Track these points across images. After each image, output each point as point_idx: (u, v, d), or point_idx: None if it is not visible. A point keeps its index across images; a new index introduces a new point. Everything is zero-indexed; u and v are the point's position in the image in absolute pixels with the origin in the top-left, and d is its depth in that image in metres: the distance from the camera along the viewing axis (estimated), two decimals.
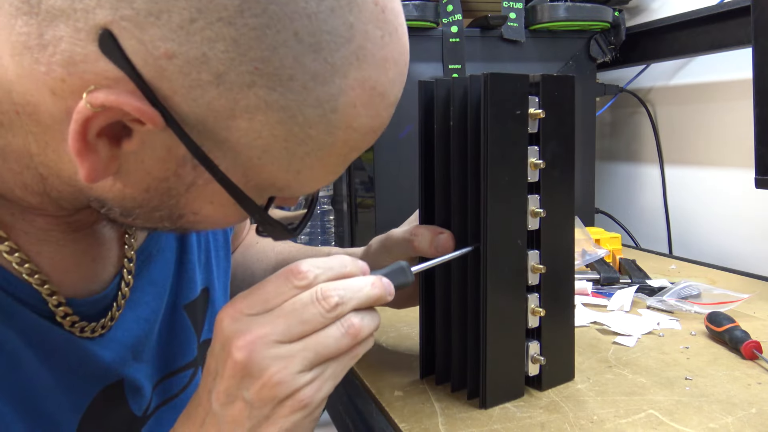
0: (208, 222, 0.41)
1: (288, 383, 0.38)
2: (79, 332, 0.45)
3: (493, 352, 0.51)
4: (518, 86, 0.51)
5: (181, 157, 0.36)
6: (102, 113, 0.32)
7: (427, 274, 0.57)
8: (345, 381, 0.60)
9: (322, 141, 0.36)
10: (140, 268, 0.51)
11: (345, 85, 0.35)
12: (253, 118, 0.34)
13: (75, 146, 0.33)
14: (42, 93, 0.34)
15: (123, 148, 0.35)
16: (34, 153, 0.38)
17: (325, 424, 2.09)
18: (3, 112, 0.37)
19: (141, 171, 0.36)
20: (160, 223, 0.41)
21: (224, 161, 0.36)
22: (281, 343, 0.38)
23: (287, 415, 0.39)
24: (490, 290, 0.51)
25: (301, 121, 0.35)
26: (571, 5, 1.16)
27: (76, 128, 0.33)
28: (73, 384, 0.45)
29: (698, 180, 1.23)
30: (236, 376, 0.38)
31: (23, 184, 0.40)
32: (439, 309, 0.56)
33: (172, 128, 0.33)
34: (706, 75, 1.19)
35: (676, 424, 0.48)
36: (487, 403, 0.51)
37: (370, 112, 0.37)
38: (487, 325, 0.51)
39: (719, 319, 0.67)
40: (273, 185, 0.39)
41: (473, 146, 0.52)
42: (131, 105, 0.32)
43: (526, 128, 0.52)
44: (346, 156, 0.39)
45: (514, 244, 0.52)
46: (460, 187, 0.53)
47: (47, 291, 0.43)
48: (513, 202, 0.52)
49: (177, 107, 0.33)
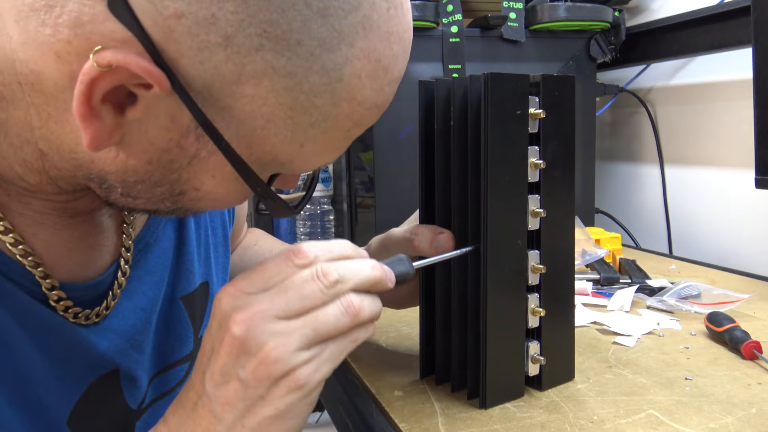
0: (210, 199, 0.41)
1: (285, 360, 0.37)
2: (72, 318, 0.45)
3: (493, 352, 0.51)
4: (518, 86, 0.51)
5: (185, 127, 0.36)
6: (108, 75, 0.32)
7: (428, 275, 0.57)
8: (345, 381, 0.60)
9: (327, 112, 0.36)
10: (137, 258, 0.51)
11: (351, 55, 0.35)
12: (259, 83, 0.34)
13: (79, 110, 0.33)
14: (46, 58, 0.34)
15: (127, 116, 0.35)
16: (35, 126, 0.38)
17: (325, 424, 2.09)
18: (5, 84, 0.37)
19: (144, 141, 0.36)
20: (161, 204, 0.41)
21: (228, 131, 0.36)
22: (280, 318, 0.38)
23: (282, 395, 0.38)
24: (490, 290, 0.51)
25: (306, 89, 0.35)
26: (571, 5, 1.16)
27: (81, 90, 0.33)
28: (67, 370, 0.44)
29: (698, 180, 1.23)
30: (233, 353, 0.38)
31: (23, 160, 0.40)
32: (439, 309, 0.56)
33: (178, 92, 0.33)
34: (706, 75, 1.19)
35: (676, 424, 0.48)
36: (487, 403, 0.51)
37: (374, 86, 0.37)
38: (487, 325, 0.51)
39: (719, 319, 0.67)
40: (276, 159, 0.38)
41: (473, 146, 0.52)
42: (138, 65, 0.32)
43: (526, 128, 0.52)
44: (349, 131, 0.39)
45: (515, 244, 0.52)
46: (461, 187, 0.53)
47: (41, 273, 0.42)
48: (513, 202, 0.52)
49: (183, 70, 0.33)
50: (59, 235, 0.45)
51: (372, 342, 0.68)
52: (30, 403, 0.42)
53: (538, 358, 0.54)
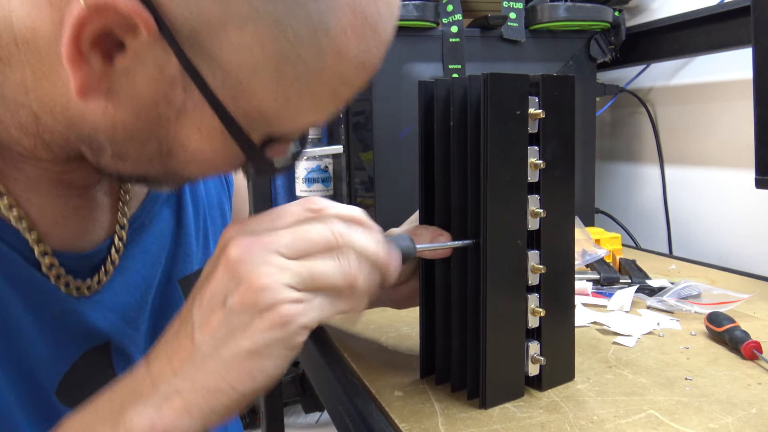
0: (198, 161, 0.41)
1: (273, 291, 0.37)
2: (64, 287, 0.45)
3: (493, 352, 0.51)
4: (518, 86, 0.51)
5: (171, 77, 0.36)
6: (96, 15, 0.33)
7: (428, 276, 0.57)
8: (345, 381, 0.60)
9: (312, 65, 0.36)
10: (132, 237, 0.51)
11: (335, 5, 0.35)
12: (244, 29, 0.34)
13: (68, 53, 0.34)
14: (41, 8, 0.35)
15: (115, 65, 0.35)
16: (29, 89, 0.39)
17: (325, 424, 2.08)
18: (2, 46, 0.38)
19: (132, 92, 0.37)
20: (151, 167, 0.41)
21: (214, 81, 0.36)
22: (280, 254, 0.38)
23: (264, 330, 0.37)
24: (489, 290, 0.51)
25: (291, 39, 0.35)
26: (571, 5, 1.16)
27: (70, 33, 0.33)
28: (58, 339, 0.45)
29: (698, 180, 1.23)
30: (225, 277, 0.37)
31: (18, 123, 0.41)
32: (439, 309, 0.56)
33: (165, 36, 0.34)
34: (706, 75, 1.19)
35: (676, 425, 0.48)
36: (487, 403, 0.51)
37: (360, 44, 0.37)
38: (487, 325, 0.51)
39: (719, 319, 0.67)
40: (262, 115, 0.39)
41: (473, 146, 0.52)
42: (126, 5, 0.33)
43: (526, 128, 0.52)
44: (336, 90, 0.39)
45: (514, 244, 0.52)
46: (460, 187, 0.53)
47: (34, 237, 0.43)
48: (512, 202, 0.52)
49: (171, 14, 0.34)
50: (53, 204, 0.45)
51: (372, 342, 0.68)
52: (20, 371, 0.42)
53: (538, 358, 0.54)
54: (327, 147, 1.22)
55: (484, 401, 0.52)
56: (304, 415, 1.91)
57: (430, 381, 0.57)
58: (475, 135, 0.51)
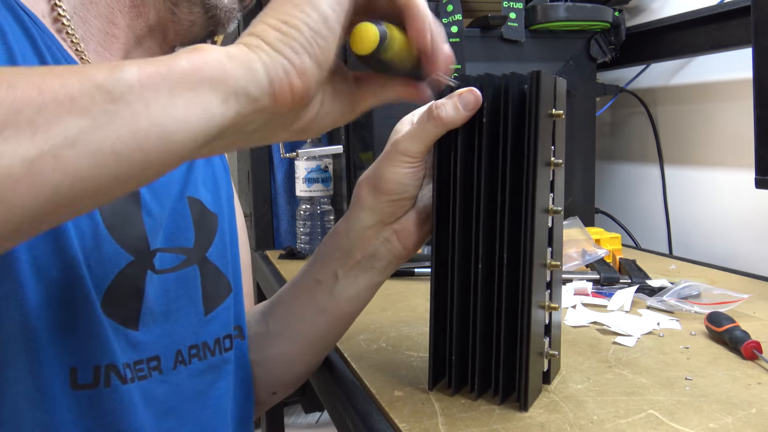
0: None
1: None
2: None
3: (531, 356, 0.51)
4: (552, 85, 0.51)
5: None
6: None
7: (438, 291, 0.54)
8: (345, 381, 0.60)
9: None
10: None
11: None
12: None
13: None
14: None
15: None
16: None
17: (325, 424, 2.08)
18: None
19: None
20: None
21: None
22: None
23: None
24: (534, 291, 0.50)
25: None
26: (571, 5, 1.16)
27: None
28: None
29: (698, 180, 1.23)
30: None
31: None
32: (457, 315, 0.53)
33: None
34: (706, 75, 1.19)
35: (676, 424, 0.48)
36: (527, 405, 0.51)
37: None
38: (530, 326, 0.50)
39: (719, 319, 0.67)
40: None
41: (514, 146, 0.50)
42: None
43: (553, 128, 0.52)
44: None
45: (543, 245, 0.52)
46: (490, 191, 0.51)
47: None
48: (543, 202, 0.51)
49: None
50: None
51: (372, 342, 0.68)
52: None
53: (552, 353, 0.54)
54: (327, 147, 1.22)
55: (525, 403, 0.51)
56: (304, 415, 1.91)
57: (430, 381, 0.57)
58: (514, 134, 0.50)
